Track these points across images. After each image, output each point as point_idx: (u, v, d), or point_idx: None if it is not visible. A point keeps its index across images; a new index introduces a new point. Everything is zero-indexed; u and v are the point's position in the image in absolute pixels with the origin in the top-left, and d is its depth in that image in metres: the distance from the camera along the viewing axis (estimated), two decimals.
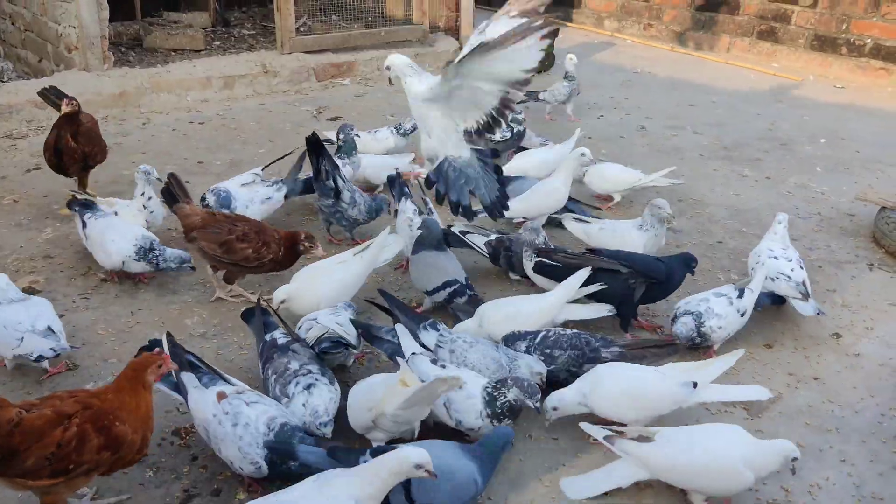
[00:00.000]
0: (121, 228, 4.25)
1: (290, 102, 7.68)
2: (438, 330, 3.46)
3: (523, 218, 4.81)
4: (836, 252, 4.99)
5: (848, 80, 9.25)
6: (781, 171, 6.33)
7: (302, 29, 8.90)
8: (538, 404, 3.02)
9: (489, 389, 3.04)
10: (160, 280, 4.35)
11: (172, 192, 4.32)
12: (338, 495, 2.42)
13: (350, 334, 3.48)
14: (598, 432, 3.03)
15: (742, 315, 3.86)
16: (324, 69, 8.35)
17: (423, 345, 3.36)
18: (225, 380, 3.06)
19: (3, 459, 2.46)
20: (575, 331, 3.60)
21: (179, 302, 4.19)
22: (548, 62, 9.32)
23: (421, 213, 4.51)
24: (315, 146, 4.60)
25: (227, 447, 2.80)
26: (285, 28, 8.14)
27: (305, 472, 2.66)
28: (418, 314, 3.59)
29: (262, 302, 3.68)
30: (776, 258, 4.16)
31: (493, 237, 4.50)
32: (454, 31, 9.60)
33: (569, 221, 4.71)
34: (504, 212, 4.09)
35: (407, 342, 3.32)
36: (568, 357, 3.45)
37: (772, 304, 4.18)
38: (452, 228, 4.55)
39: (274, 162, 5.33)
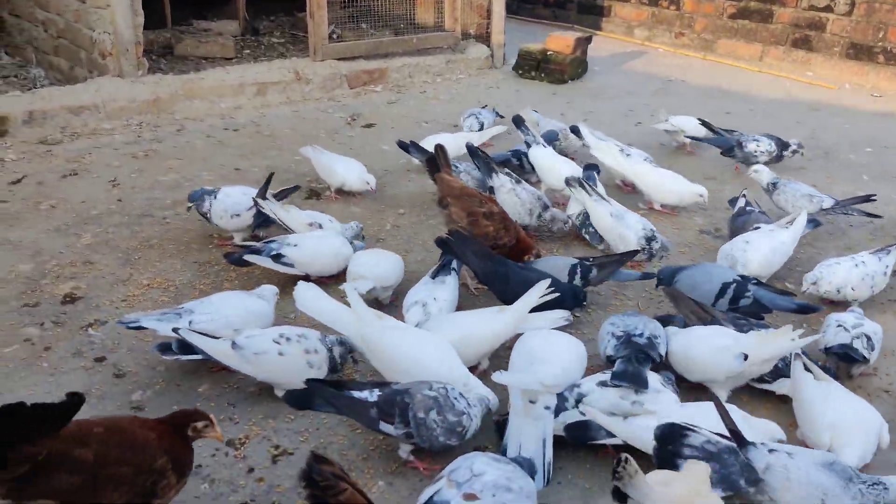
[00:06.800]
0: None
1: (324, 109, 7.63)
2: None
3: None
4: None
5: (885, 89, 9.11)
6: (827, 180, 6.20)
7: (333, 37, 8.85)
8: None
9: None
10: (205, 284, 4.29)
11: (437, 162, 4.57)
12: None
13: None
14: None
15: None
16: (356, 76, 8.30)
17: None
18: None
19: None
20: None
21: None
22: (581, 69, 9.24)
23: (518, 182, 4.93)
24: None
25: None
26: (318, 35, 8.09)
27: None
28: None
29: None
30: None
31: None
32: (485, 38, 9.55)
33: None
34: None
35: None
36: None
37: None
38: None
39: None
